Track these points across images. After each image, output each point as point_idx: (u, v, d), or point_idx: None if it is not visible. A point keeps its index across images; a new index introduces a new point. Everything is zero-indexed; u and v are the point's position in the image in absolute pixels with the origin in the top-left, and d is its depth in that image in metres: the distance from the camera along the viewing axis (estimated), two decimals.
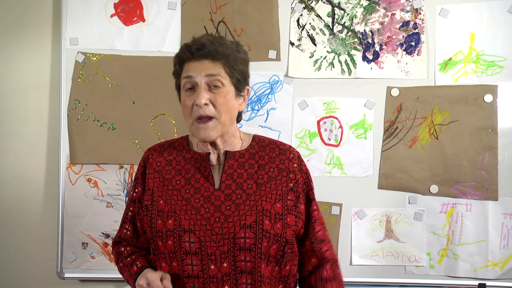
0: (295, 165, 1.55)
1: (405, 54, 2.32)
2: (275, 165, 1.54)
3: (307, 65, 2.35)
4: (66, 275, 2.40)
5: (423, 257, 2.31)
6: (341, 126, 2.35)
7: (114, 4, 2.39)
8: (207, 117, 1.46)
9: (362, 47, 2.34)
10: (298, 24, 2.36)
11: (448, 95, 2.30)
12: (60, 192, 2.38)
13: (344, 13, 2.35)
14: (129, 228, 1.62)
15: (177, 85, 1.56)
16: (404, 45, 2.32)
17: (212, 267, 1.42)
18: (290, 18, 2.36)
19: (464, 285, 2.30)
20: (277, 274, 1.48)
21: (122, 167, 2.38)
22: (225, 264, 1.42)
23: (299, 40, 2.35)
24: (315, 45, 2.35)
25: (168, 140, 1.65)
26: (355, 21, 2.34)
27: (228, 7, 2.36)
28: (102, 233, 2.39)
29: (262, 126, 2.36)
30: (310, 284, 1.58)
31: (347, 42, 2.34)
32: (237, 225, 1.43)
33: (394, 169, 2.32)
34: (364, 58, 2.34)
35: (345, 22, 2.34)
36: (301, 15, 2.35)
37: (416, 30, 2.32)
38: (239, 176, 1.50)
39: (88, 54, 2.38)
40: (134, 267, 1.54)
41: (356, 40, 2.34)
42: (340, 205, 2.33)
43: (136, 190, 1.59)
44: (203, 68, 1.46)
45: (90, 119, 2.38)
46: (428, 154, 2.31)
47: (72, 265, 2.39)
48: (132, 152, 2.37)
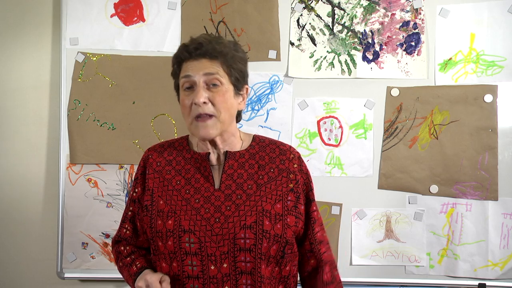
0: (295, 166, 1.55)
1: (405, 54, 2.32)
2: (275, 166, 1.53)
3: (307, 65, 2.35)
4: (66, 275, 2.40)
5: (423, 257, 2.31)
6: (341, 126, 2.34)
7: (114, 4, 2.39)
8: (206, 116, 1.45)
9: (362, 47, 2.34)
10: (298, 24, 2.36)
11: (448, 95, 2.30)
12: (60, 192, 2.38)
13: (344, 13, 2.34)
14: (129, 228, 1.62)
15: (176, 86, 1.56)
16: (404, 45, 2.32)
17: (212, 268, 1.42)
18: (290, 18, 2.36)
19: (464, 285, 2.30)
20: (277, 275, 1.48)
21: (122, 167, 2.38)
22: (225, 265, 1.42)
23: (299, 40, 2.35)
24: (315, 45, 2.35)
25: (168, 140, 1.65)
26: (355, 21, 2.34)
27: (228, 7, 2.36)
28: (102, 233, 2.39)
29: (262, 126, 2.36)
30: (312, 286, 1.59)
31: (347, 42, 2.34)
32: (237, 226, 1.43)
33: (394, 169, 2.32)
34: (364, 58, 2.34)
35: (345, 22, 2.34)
36: (301, 15, 2.35)
37: (416, 30, 2.32)
38: (239, 177, 1.50)
39: (88, 54, 2.38)
40: (134, 267, 1.54)
41: (356, 40, 2.34)
42: (340, 205, 2.33)
43: (136, 190, 1.59)
44: (201, 67, 1.46)
45: (90, 119, 2.38)
46: (428, 154, 2.31)
47: (72, 265, 2.40)
48: (132, 152, 2.37)
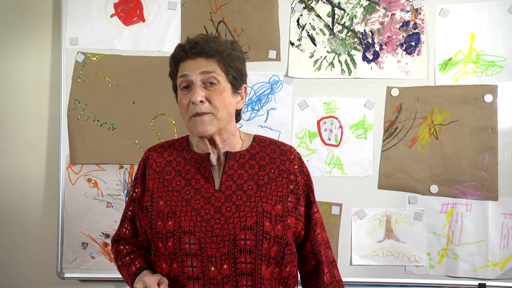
0: (296, 167, 1.55)
1: (405, 54, 2.32)
2: (276, 166, 1.53)
3: (307, 65, 2.35)
4: (66, 275, 2.40)
5: (423, 257, 2.31)
6: (341, 126, 2.34)
7: (114, 4, 2.39)
8: (204, 113, 1.45)
9: (362, 47, 2.34)
10: (298, 24, 2.36)
11: (448, 95, 2.30)
12: (60, 192, 2.38)
13: (344, 13, 2.34)
14: (128, 227, 1.62)
15: (174, 86, 1.56)
16: (404, 45, 2.32)
17: (212, 269, 1.42)
18: (290, 18, 2.36)
19: (464, 285, 2.30)
20: (277, 276, 1.48)
21: (122, 167, 2.38)
22: (225, 266, 1.42)
23: (299, 40, 2.35)
24: (315, 45, 2.35)
25: (168, 141, 1.65)
26: (355, 21, 2.34)
27: (228, 7, 2.36)
28: (102, 233, 2.39)
29: (262, 126, 2.36)
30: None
31: (347, 42, 2.34)
32: (238, 227, 1.43)
33: (394, 169, 2.32)
34: (364, 58, 2.34)
35: (345, 22, 2.34)
36: (301, 15, 2.35)
37: (416, 30, 2.32)
38: (240, 177, 1.50)
39: (88, 54, 2.38)
40: (133, 267, 1.54)
41: (356, 40, 2.34)
42: (340, 205, 2.33)
43: (136, 191, 1.59)
44: (198, 66, 1.46)
45: (90, 119, 2.38)
46: (428, 154, 2.31)
47: (72, 265, 2.40)
48: (132, 152, 2.37)
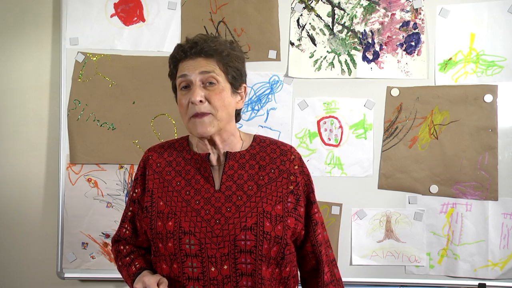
0: (296, 167, 1.55)
1: (405, 54, 2.32)
2: (276, 166, 1.53)
3: (307, 65, 2.35)
4: (66, 275, 2.40)
5: (423, 257, 2.31)
6: (341, 126, 2.34)
7: (114, 4, 2.39)
8: (204, 113, 1.45)
9: (362, 47, 2.34)
10: (298, 24, 2.36)
11: (448, 95, 2.30)
12: (60, 192, 2.38)
13: (344, 13, 2.34)
14: (128, 228, 1.62)
15: (174, 87, 1.55)
16: (404, 45, 2.32)
17: (213, 269, 1.42)
18: (290, 18, 2.36)
19: (464, 285, 2.30)
20: (277, 276, 1.48)
21: (122, 167, 2.38)
22: (226, 266, 1.42)
23: (299, 40, 2.35)
24: (315, 45, 2.35)
25: (168, 141, 1.64)
26: (355, 21, 2.34)
27: (228, 7, 2.36)
28: (102, 233, 2.39)
29: (262, 126, 2.36)
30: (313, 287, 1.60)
31: (347, 42, 2.34)
32: (238, 227, 1.43)
33: (394, 169, 2.32)
34: (364, 58, 2.34)
35: (345, 22, 2.34)
36: (301, 15, 2.35)
37: (416, 30, 2.32)
38: (240, 177, 1.50)
39: (88, 54, 2.38)
40: (133, 268, 1.54)
41: (356, 40, 2.34)
42: (340, 205, 2.33)
43: (136, 191, 1.59)
44: (197, 66, 1.46)
45: (90, 119, 2.38)
46: (428, 154, 2.31)
47: (72, 265, 2.40)
48: (132, 152, 2.37)
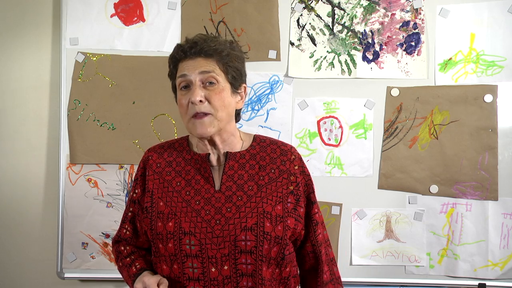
0: (296, 167, 1.55)
1: (405, 54, 2.32)
2: (276, 166, 1.53)
3: (307, 65, 2.35)
4: (66, 275, 2.40)
5: (423, 257, 2.31)
6: (341, 126, 2.34)
7: (114, 4, 2.39)
8: (203, 114, 1.45)
9: (362, 47, 2.34)
10: (298, 24, 2.36)
11: (448, 95, 2.30)
12: (60, 192, 2.38)
13: (344, 13, 2.34)
14: (129, 228, 1.62)
15: (173, 87, 1.55)
16: (404, 45, 2.32)
17: (213, 270, 1.42)
18: (290, 18, 2.36)
19: (464, 285, 2.30)
20: (278, 276, 1.48)
21: (122, 167, 2.38)
22: (226, 267, 1.42)
23: (299, 40, 2.35)
24: (315, 45, 2.35)
25: (168, 141, 1.64)
26: (355, 21, 2.34)
27: (228, 7, 2.36)
28: (102, 233, 2.39)
29: (262, 126, 2.36)
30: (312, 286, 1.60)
31: (347, 42, 2.34)
32: (238, 228, 1.43)
33: (394, 169, 2.32)
34: (364, 58, 2.34)
35: (345, 22, 2.34)
36: (301, 15, 2.35)
37: (416, 30, 2.32)
38: (240, 178, 1.50)
39: (88, 54, 2.38)
40: (133, 268, 1.54)
41: (356, 40, 2.34)
42: (340, 205, 2.33)
43: (136, 191, 1.58)
44: (197, 66, 1.46)
45: (90, 119, 2.38)
46: (428, 154, 2.30)
47: (72, 265, 2.40)
48: (132, 152, 2.37)
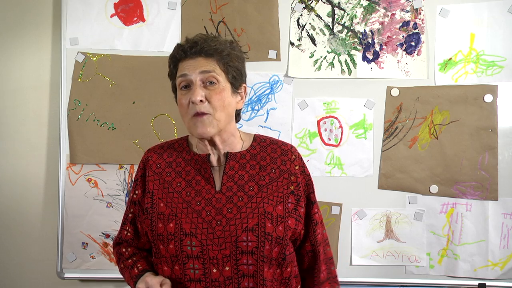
0: (297, 167, 1.55)
1: (405, 54, 2.32)
2: (277, 166, 1.53)
3: (307, 65, 2.35)
4: (66, 275, 2.40)
5: (423, 257, 2.31)
6: (341, 126, 2.34)
7: (114, 4, 2.39)
8: (203, 113, 1.45)
9: (362, 47, 2.34)
10: (298, 24, 2.36)
11: (448, 95, 2.30)
12: (60, 192, 2.38)
13: (344, 13, 2.34)
14: (130, 230, 1.61)
15: (173, 87, 1.55)
16: (404, 45, 2.32)
17: (214, 271, 1.42)
18: (290, 18, 2.36)
19: (464, 285, 2.30)
20: (279, 277, 1.48)
21: (122, 167, 2.38)
22: (227, 268, 1.42)
23: (299, 40, 2.35)
24: (315, 45, 2.35)
25: (168, 141, 1.64)
26: (355, 21, 2.34)
27: (228, 7, 2.36)
28: (102, 233, 2.39)
29: (262, 126, 2.36)
30: (309, 287, 1.60)
31: (347, 42, 2.34)
32: (239, 228, 1.43)
33: (394, 169, 2.32)
34: (364, 58, 2.34)
35: (345, 22, 2.34)
36: (301, 15, 2.35)
37: (416, 30, 2.32)
38: (241, 178, 1.50)
39: (88, 54, 2.38)
40: (135, 270, 1.54)
41: (356, 40, 2.34)
42: (340, 205, 2.33)
43: (136, 192, 1.58)
44: (197, 65, 1.46)
45: (90, 119, 2.38)
46: (428, 154, 2.31)
47: (72, 265, 2.39)
48: (132, 152, 2.37)
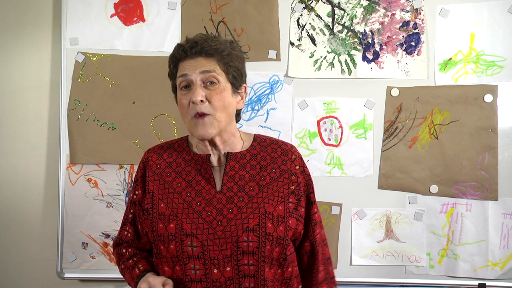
0: (297, 167, 1.55)
1: (405, 54, 2.32)
2: (277, 166, 1.53)
3: (307, 65, 2.35)
4: (66, 275, 2.40)
5: (423, 257, 2.31)
6: (341, 126, 2.34)
7: (114, 4, 2.39)
8: (204, 114, 1.44)
9: (362, 47, 2.34)
10: (298, 24, 2.36)
11: (448, 95, 2.30)
12: (60, 192, 2.38)
13: (344, 13, 2.34)
14: (130, 230, 1.61)
15: (173, 87, 1.55)
16: (404, 45, 2.32)
17: (215, 271, 1.42)
18: (290, 18, 2.36)
19: (464, 285, 2.30)
20: (280, 277, 1.48)
21: (122, 167, 2.38)
22: (228, 268, 1.42)
23: (299, 40, 2.35)
24: (315, 45, 2.35)
25: (168, 141, 1.64)
26: (355, 21, 2.34)
27: (228, 7, 2.36)
28: (102, 233, 2.39)
29: (262, 126, 2.36)
30: (307, 287, 1.60)
31: (347, 42, 2.34)
32: (240, 229, 1.42)
33: (394, 169, 2.32)
34: (364, 58, 2.34)
35: (345, 22, 2.34)
36: (301, 15, 2.35)
37: (416, 30, 2.32)
38: (241, 178, 1.50)
39: (88, 54, 2.38)
40: (136, 270, 1.53)
41: (356, 40, 2.34)
42: (340, 205, 2.33)
43: (137, 193, 1.58)
44: (198, 65, 1.45)
45: (90, 119, 2.38)
46: (428, 154, 2.31)
47: (72, 265, 2.39)
48: (132, 152, 2.37)
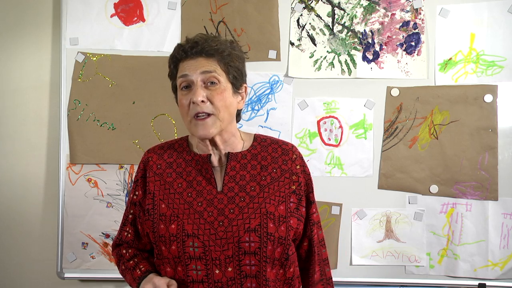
0: (298, 167, 1.55)
1: (405, 54, 2.32)
2: (278, 166, 1.53)
3: (307, 65, 2.35)
4: (66, 275, 2.40)
5: (423, 257, 2.31)
6: (341, 126, 2.34)
7: (114, 4, 2.38)
8: (205, 114, 1.44)
9: (362, 47, 2.34)
10: (298, 24, 2.36)
11: (448, 95, 2.30)
12: (60, 192, 2.38)
13: (344, 13, 2.34)
14: (130, 231, 1.60)
15: (174, 87, 1.54)
16: (404, 45, 2.32)
17: (217, 272, 1.42)
18: (290, 18, 2.36)
19: (464, 285, 2.30)
20: (282, 277, 1.48)
21: (122, 167, 2.38)
22: (230, 269, 1.42)
23: (299, 40, 2.35)
24: (315, 45, 2.35)
25: (168, 142, 1.63)
26: (355, 21, 2.34)
27: (228, 7, 2.36)
28: (102, 233, 2.39)
29: (262, 126, 2.36)
30: (304, 287, 1.60)
31: (347, 42, 2.34)
32: (241, 229, 1.42)
33: (394, 169, 2.32)
34: (364, 58, 2.34)
35: (345, 22, 2.34)
36: (301, 15, 2.35)
37: (416, 30, 2.32)
38: (242, 178, 1.50)
39: (88, 54, 2.38)
40: (138, 271, 1.53)
41: (356, 40, 2.34)
42: (340, 205, 2.34)
43: (137, 193, 1.57)
44: (198, 66, 1.45)
45: (90, 119, 2.37)
46: (428, 154, 2.31)
47: (72, 265, 2.39)
48: (132, 152, 2.37)
